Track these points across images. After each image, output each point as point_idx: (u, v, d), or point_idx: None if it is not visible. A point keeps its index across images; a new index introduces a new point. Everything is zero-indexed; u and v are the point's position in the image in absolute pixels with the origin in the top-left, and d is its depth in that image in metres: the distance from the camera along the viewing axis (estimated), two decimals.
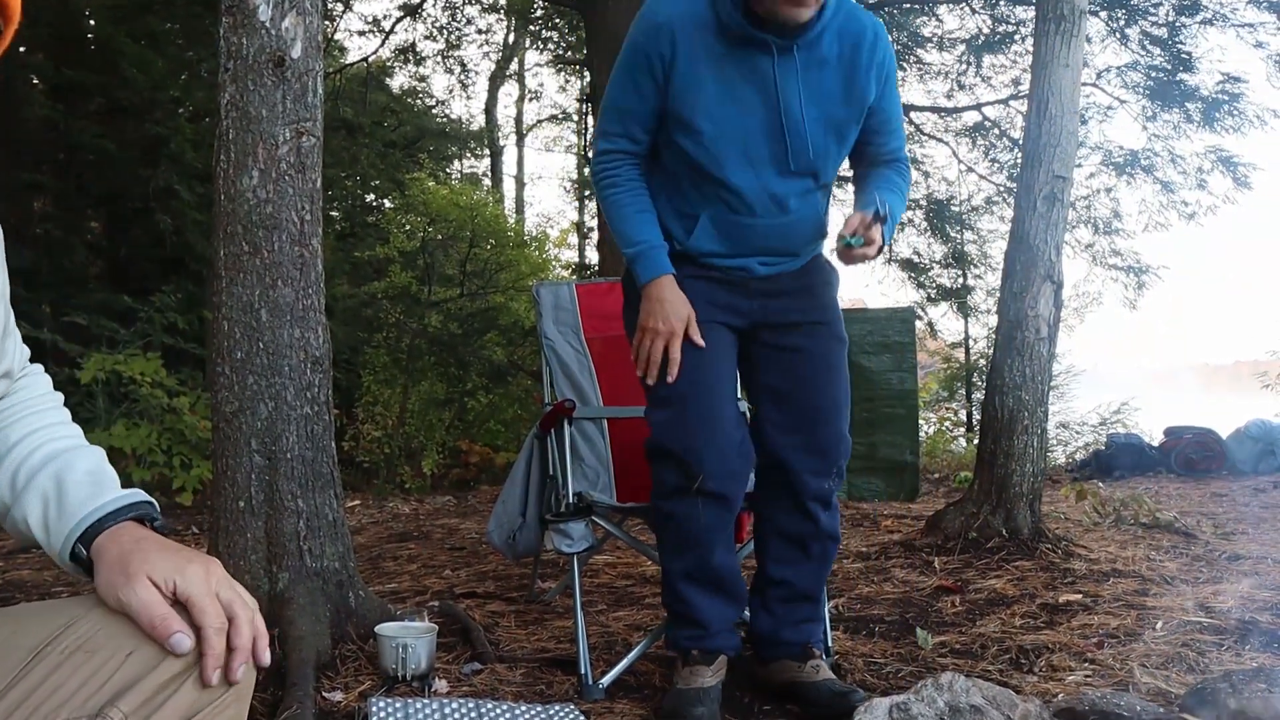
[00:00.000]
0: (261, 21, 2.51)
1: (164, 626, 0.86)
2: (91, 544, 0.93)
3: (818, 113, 2.06)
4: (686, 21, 2.02)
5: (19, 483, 0.98)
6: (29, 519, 0.96)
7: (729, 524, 2.13)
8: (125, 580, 0.88)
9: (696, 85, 2.03)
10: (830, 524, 2.17)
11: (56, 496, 0.96)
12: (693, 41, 2.02)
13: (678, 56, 2.02)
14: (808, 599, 2.21)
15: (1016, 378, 3.71)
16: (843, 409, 2.17)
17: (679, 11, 2.03)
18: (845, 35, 2.06)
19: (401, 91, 13.85)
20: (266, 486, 2.51)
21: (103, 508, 0.95)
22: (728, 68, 2.03)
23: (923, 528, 3.95)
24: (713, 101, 2.03)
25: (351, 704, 2.17)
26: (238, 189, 2.52)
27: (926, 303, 10.42)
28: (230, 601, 0.91)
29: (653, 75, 2.05)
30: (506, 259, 9.09)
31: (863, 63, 2.06)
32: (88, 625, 0.89)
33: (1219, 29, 7.64)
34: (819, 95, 2.06)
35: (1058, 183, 3.74)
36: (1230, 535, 4.18)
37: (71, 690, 0.85)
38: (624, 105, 2.12)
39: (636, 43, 2.07)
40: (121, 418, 5.62)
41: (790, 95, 2.04)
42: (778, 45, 2.00)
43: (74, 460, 1.01)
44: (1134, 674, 2.23)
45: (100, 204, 8.48)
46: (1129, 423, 9.87)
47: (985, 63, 8.96)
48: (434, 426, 8.34)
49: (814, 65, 2.04)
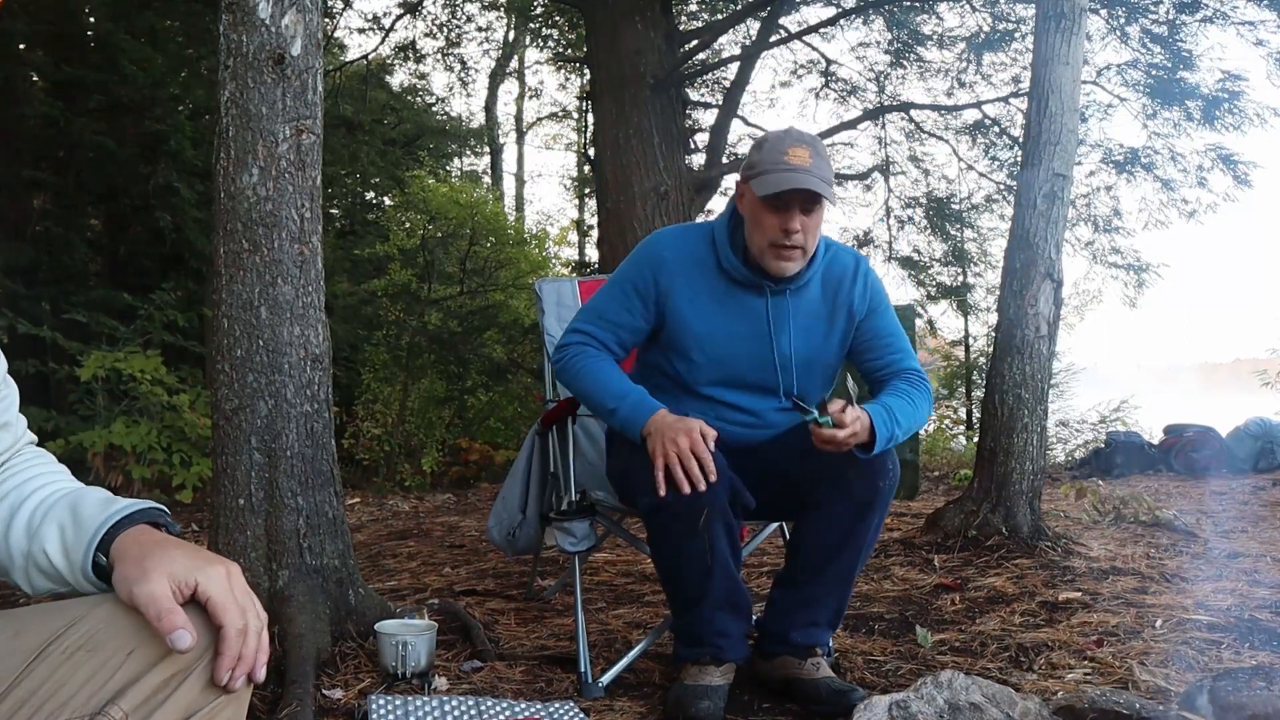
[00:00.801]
0: (261, 19, 2.51)
1: (169, 621, 0.86)
2: (110, 549, 0.94)
3: (806, 351, 2.25)
4: (688, 260, 2.23)
5: (34, 523, 0.99)
6: (48, 550, 0.97)
7: (736, 539, 2.13)
8: (141, 574, 0.89)
9: (694, 319, 2.21)
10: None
11: (72, 521, 0.98)
12: (693, 279, 2.21)
13: (675, 291, 2.21)
14: (828, 603, 2.20)
15: (1016, 376, 3.71)
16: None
17: (682, 251, 2.24)
18: (829, 277, 2.27)
19: (401, 89, 13.85)
20: (266, 484, 2.51)
21: (117, 513, 0.96)
22: (726, 304, 2.22)
23: (922, 526, 3.96)
24: (708, 335, 2.22)
25: (351, 701, 2.17)
26: (238, 186, 2.52)
27: (926, 301, 10.41)
28: (246, 609, 0.92)
29: (644, 299, 2.23)
30: (506, 256, 9.09)
31: (843, 299, 2.27)
32: (89, 625, 0.89)
33: (1219, 27, 7.63)
34: (808, 335, 2.25)
35: (1058, 180, 3.74)
36: (1230, 533, 4.18)
37: (74, 689, 0.86)
38: (609, 314, 2.27)
39: (638, 267, 2.25)
40: (121, 415, 5.62)
41: (781, 335, 2.23)
42: (771, 289, 2.21)
43: (86, 493, 1.03)
44: (1133, 672, 2.23)
45: (100, 201, 8.48)
46: (1129, 421, 9.87)
47: (985, 60, 8.95)
48: (434, 424, 8.35)
49: (804, 308, 2.25)
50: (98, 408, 5.74)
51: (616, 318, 2.26)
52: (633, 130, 7.22)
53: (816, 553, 2.16)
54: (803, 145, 2.10)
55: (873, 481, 2.09)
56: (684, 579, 2.10)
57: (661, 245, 2.26)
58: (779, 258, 2.13)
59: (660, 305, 2.22)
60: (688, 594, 2.11)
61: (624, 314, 2.25)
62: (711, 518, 2.01)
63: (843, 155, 10.71)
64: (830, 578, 2.16)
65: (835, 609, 2.21)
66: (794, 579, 2.20)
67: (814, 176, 2.07)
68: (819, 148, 2.14)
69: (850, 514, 2.10)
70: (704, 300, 2.22)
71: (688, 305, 2.21)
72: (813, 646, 2.18)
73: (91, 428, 5.50)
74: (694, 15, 10.51)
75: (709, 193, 8.61)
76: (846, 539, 2.11)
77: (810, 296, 2.26)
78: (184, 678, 0.88)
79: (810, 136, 2.15)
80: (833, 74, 9.90)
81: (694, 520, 2.00)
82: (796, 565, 2.20)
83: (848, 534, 2.11)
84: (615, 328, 2.26)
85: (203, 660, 0.89)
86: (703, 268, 2.22)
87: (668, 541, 2.09)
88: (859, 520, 2.10)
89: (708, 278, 2.22)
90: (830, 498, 2.12)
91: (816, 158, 2.10)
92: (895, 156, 10.15)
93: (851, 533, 2.11)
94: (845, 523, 2.11)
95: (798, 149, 2.09)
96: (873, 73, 9.75)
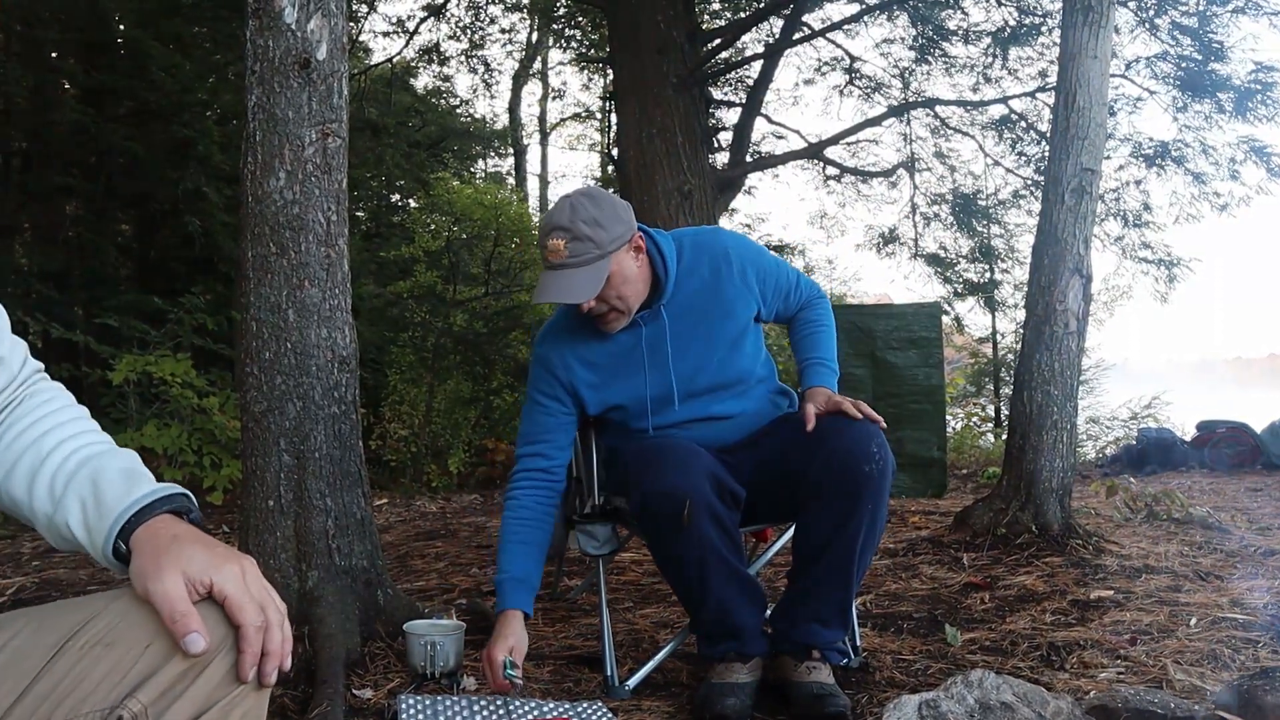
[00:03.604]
0: (287, 24, 2.53)
1: (182, 624, 0.87)
2: (130, 538, 0.94)
3: (698, 349, 2.29)
4: (566, 342, 2.34)
5: (57, 490, 0.99)
6: (70, 523, 0.97)
7: (735, 532, 2.13)
8: (156, 571, 0.89)
9: (598, 383, 2.32)
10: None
11: (94, 497, 0.98)
12: (580, 355, 2.32)
13: (574, 375, 2.32)
14: (827, 601, 2.18)
15: (1045, 372, 3.68)
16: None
17: (558, 338, 2.36)
18: (699, 268, 2.32)
19: (426, 91, 13.94)
20: (295, 485, 2.53)
21: (138, 501, 0.96)
22: (615, 354, 2.31)
23: (951, 524, 3.93)
24: (615, 385, 2.31)
25: (381, 701, 2.18)
26: (265, 190, 2.54)
27: (953, 297, 10.32)
28: (264, 604, 0.92)
29: (556, 398, 2.34)
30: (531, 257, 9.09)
31: (724, 279, 2.32)
32: (107, 619, 0.90)
33: (1251, 17, 7.51)
34: (693, 335, 2.30)
35: (1086, 175, 3.70)
36: (1266, 530, 4.12)
37: (93, 683, 0.87)
38: (534, 432, 2.37)
39: (536, 375, 2.38)
40: (153, 418, 5.68)
41: (661, 355, 2.29)
42: (642, 319, 2.28)
43: (108, 462, 1.02)
44: (1168, 671, 2.20)
45: (130, 206, 8.59)
46: (1160, 417, 9.77)
47: (1011, 55, 8.86)
48: (460, 425, 8.38)
49: (681, 312, 2.30)
50: (129, 411, 5.80)
51: (540, 431, 2.36)
52: (656, 130, 7.21)
53: (809, 547, 2.14)
54: (557, 234, 2.13)
55: (855, 469, 2.05)
56: (683, 576, 2.11)
57: (541, 346, 2.40)
58: (605, 325, 2.25)
59: (572, 391, 2.33)
60: (690, 589, 2.12)
61: (546, 418, 2.36)
62: (696, 509, 2.01)
63: (867, 152, 10.66)
64: (825, 573, 2.11)
65: (838, 607, 2.15)
66: (793, 577, 2.20)
67: (568, 272, 2.13)
68: (578, 221, 2.13)
69: (839, 504, 2.07)
70: (597, 361, 2.32)
71: (586, 373, 2.32)
72: (810, 647, 2.13)
73: (123, 431, 5.57)
74: (716, 14, 10.50)
75: (732, 192, 8.59)
76: (837, 531, 2.07)
77: (687, 292, 2.31)
78: (201, 669, 0.88)
79: (571, 211, 2.15)
80: (857, 71, 9.84)
81: (677, 515, 2.01)
82: (795, 563, 2.19)
83: (838, 526, 2.07)
84: (543, 440, 2.36)
85: (221, 652, 0.89)
86: (581, 336, 2.33)
87: (658, 540, 2.12)
88: (850, 509, 2.06)
89: (588, 344, 2.33)
90: (818, 490, 2.10)
91: (573, 242, 2.12)
92: (921, 153, 10.08)
93: (841, 525, 2.07)
94: (834, 515, 2.07)
95: (553, 240, 2.13)
96: (897, 69, 9.69)
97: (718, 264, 2.33)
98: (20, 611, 0.93)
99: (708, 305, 2.31)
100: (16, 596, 3.34)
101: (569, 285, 2.13)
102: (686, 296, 2.31)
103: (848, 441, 2.08)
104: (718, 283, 2.31)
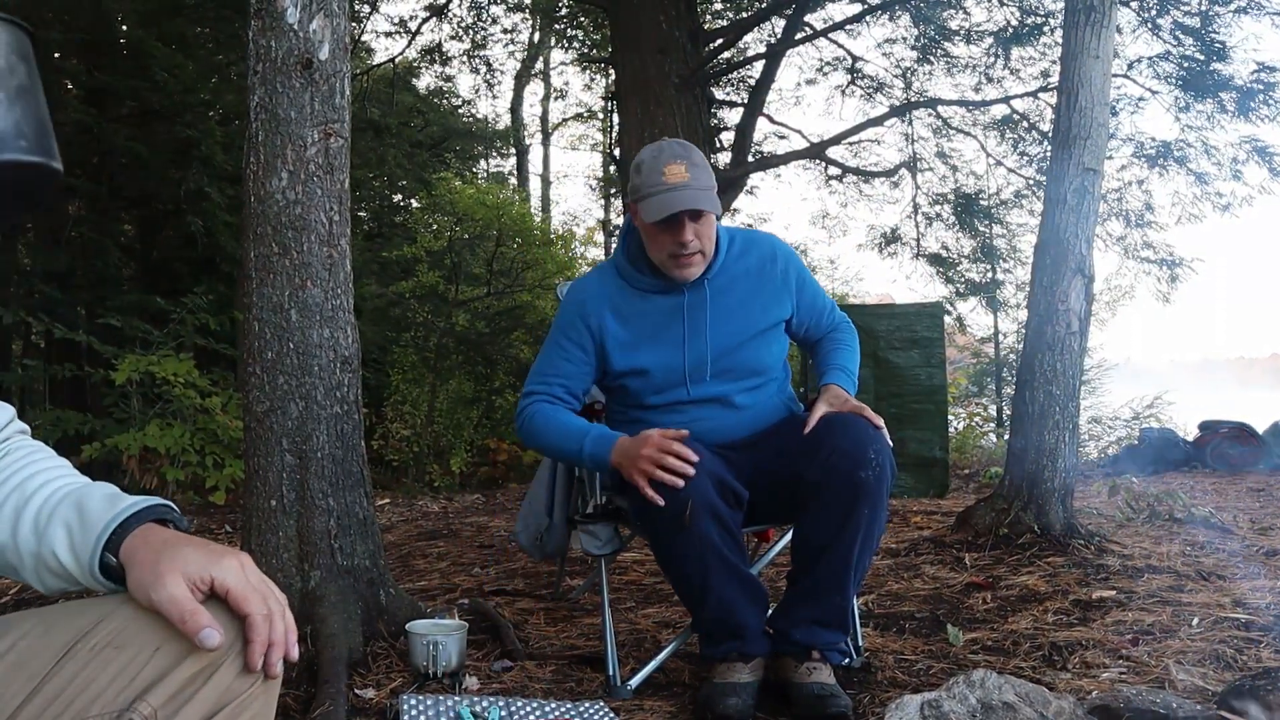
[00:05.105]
0: (290, 24, 2.53)
1: (194, 622, 0.87)
2: (119, 549, 0.93)
3: (735, 327, 2.33)
4: (603, 295, 2.37)
5: (41, 522, 0.98)
6: (57, 550, 0.96)
7: (737, 532, 2.13)
8: (156, 578, 0.89)
9: (630, 341, 2.34)
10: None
11: (79, 519, 0.97)
12: (616, 309, 2.35)
13: (605, 324, 2.34)
14: (827, 603, 2.18)
15: (1047, 372, 3.67)
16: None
17: (598, 290, 2.38)
18: (747, 258, 2.39)
19: (428, 92, 13.95)
20: (297, 485, 2.53)
21: (123, 511, 0.96)
22: (651, 316, 2.34)
23: (953, 524, 3.93)
24: (646, 347, 2.33)
25: (383, 701, 2.19)
26: (267, 190, 2.54)
27: (955, 297, 10.33)
28: (265, 594, 0.92)
29: (580, 345, 2.36)
30: (533, 257, 9.11)
31: (768, 275, 2.39)
32: (116, 622, 0.90)
33: (1253, 17, 7.51)
34: (732, 313, 2.34)
35: (1088, 175, 3.70)
36: (1268, 530, 4.11)
37: (102, 686, 0.87)
38: (551, 369, 2.38)
39: (565, 318, 2.39)
40: (155, 418, 5.70)
41: (699, 323, 2.32)
42: (687, 287, 2.32)
43: (91, 490, 1.02)
44: (1170, 671, 2.20)
45: (132, 206, 8.60)
46: (1163, 417, 9.75)
47: (1013, 55, 8.87)
48: (462, 425, 8.39)
49: (724, 289, 2.35)
50: (132, 411, 5.82)
51: (559, 369, 2.38)
52: (658, 129, 7.21)
53: (809, 549, 2.15)
54: (677, 161, 2.21)
55: (852, 474, 2.06)
56: (685, 575, 2.11)
57: (579, 291, 2.42)
58: (679, 266, 2.26)
59: (598, 341, 2.35)
60: (692, 589, 2.13)
61: (565, 364, 2.37)
62: (697, 510, 2.02)
63: (869, 152, 10.67)
64: (824, 575, 2.12)
65: (839, 608, 2.15)
66: (794, 577, 2.20)
67: (692, 190, 2.18)
68: (694, 156, 2.24)
69: (836, 508, 2.08)
70: (630, 320, 2.35)
71: (617, 330, 2.34)
72: (811, 647, 2.14)
73: (126, 431, 5.58)
74: (719, 14, 10.51)
75: (735, 192, 8.60)
76: (837, 534, 2.08)
77: (731, 276, 2.36)
78: (212, 672, 0.88)
79: (684, 148, 2.25)
80: (859, 71, 9.86)
81: (679, 515, 2.02)
82: (795, 564, 2.20)
83: (836, 530, 2.08)
84: (561, 378, 2.37)
85: (230, 653, 0.90)
86: (620, 294, 2.37)
87: (660, 540, 2.12)
88: (846, 514, 2.07)
89: (629, 300, 2.35)
90: (816, 493, 2.11)
91: (693, 169, 2.20)
92: (923, 153, 10.10)
93: (840, 528, 2.08)
94: (832, 518, 2.08)
95: (674, 165, 2.20)
96: (899, 69, 9.70)
97: (764, 259, 2.40)
98: (29, 612, 0.93)
99: (750, 292, 2.37)
100: (19, 597, 3.34)
101: (696, 199, 2.17)
102: (731, 278, 2.36)
103: (846, 446, 2.09)
104: (762, 275, 2.38)
